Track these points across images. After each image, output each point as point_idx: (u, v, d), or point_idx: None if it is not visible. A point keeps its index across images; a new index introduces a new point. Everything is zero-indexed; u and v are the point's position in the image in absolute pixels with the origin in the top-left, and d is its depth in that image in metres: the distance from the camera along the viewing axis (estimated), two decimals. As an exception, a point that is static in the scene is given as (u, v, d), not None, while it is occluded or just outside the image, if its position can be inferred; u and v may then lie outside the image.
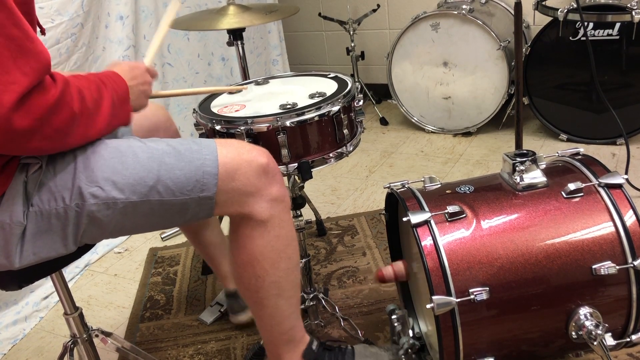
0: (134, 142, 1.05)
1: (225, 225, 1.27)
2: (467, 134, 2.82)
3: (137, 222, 1.04)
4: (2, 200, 0.93)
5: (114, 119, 0.99)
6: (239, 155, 1.07)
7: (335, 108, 1.28)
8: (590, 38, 2.27)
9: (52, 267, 1.13)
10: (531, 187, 1.16)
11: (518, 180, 1.17)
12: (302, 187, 1.41)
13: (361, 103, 1.37)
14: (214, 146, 1.07)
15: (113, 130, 1.03)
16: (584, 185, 1.13)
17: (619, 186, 1.13)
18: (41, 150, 0.88)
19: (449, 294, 1.05)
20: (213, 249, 1.60)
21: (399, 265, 1.34)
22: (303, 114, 1.25)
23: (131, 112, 1.07)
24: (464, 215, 1.12)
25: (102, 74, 1.02)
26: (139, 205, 1.00)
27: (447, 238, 1.09)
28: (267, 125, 1.24)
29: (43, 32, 1.11)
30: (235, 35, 1.83)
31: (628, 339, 1.13)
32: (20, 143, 0.82)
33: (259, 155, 1.09)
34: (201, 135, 1.34)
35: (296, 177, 1.39)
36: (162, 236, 2.25)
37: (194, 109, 1.39)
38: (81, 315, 1.31)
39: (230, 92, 1.51)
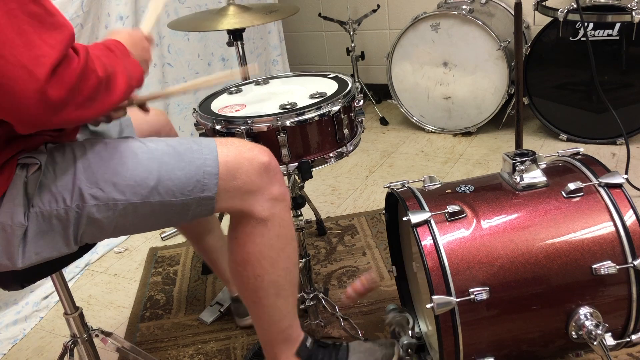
0: (133, 142, 1.05)
1: (225, 224, 1.27)
2: (467, 133, 2.82)
3: (137, 223, 1.04)
4: (3, 201, 0.93)
5: (132, 80, 0.97)
6: (240, 154, 1.07)
7: (336, 108, 1.28)
8: (590, 38, 2.27)
9: (53, 266, 1.13)
10: (531, 186, 1.16)
11: (518, 180, 1.17)
12: (302, 186, 1.41)
13: (361, 103, 1.37)
14: (214, 146, 1.07)
15: (132, 93, 1.01)
16: (584, 185, 1.13)
17: (619, 186, 1.13)
18: (75, 119, 0.86)
19: (449, 293, 1.05)
20: (216, 253, 1.59)
21: (365, 277, 1.36)
22: (303, 113, 1.25)
23: (144, 73, 1.05)
24: (464, 215, 1.12)
25: (105, 42, 1.01)
26: (140, 206, 1.00)
27: (447, 238, 1.09)
28: (267, 125, 1.24)
29: None
30: (235, 35, 1.83)
31: (628, 339, 1.13)
32: (57, 115, 0.82)
33: (260, 153, 1.09)
34: (201, 135, 1.34)
35: (296, 177, 1.39)
36: (162, 236, 2.25)
37: (194, 109, 1.39)
38: (81, 315, 1.31)
39: (230, 92, 1.51)
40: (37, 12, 0.80)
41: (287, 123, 1.23)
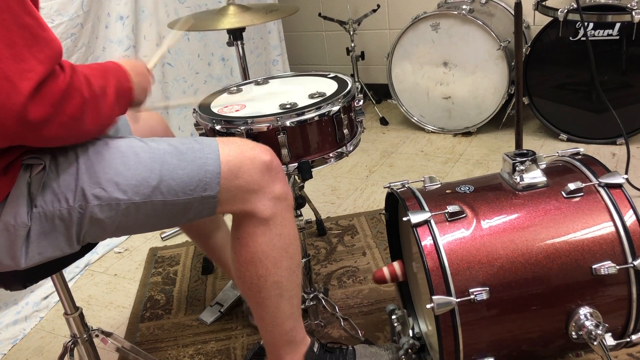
0: (135, 142, 1.05)
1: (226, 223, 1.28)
2: (467, 133, 2.82)
3: (139, 222, 1.04)
4: (7, 201, 0.93)
5: (118, 107, 0.97)
6: (242, 153, 1.07)
7: (335, 108, 1.28)
8: (590, 38, 2.27)
9: (56, 266, 1.13)
10: (531, 186, 1.16)
11: (518, 180, 1.17)
12: (302, 186, 1.42)
13: (361, 103, 1.37)
14: (216, 145, 1.07)
15: (116, 119, 1.01)
16: (584, 185, 1.13)
17: (619, 186, 1.13)
18: (59, 139, 0.86)
19: (449, 293, 1.05)
20: (225, 250, 1.58)
21: (396, 265, 1.34)
22: (303, 113, 1.25)
23: (130, 102, 1.04)
24: (464, 215, 1.12)
25: (104, 63, 1.01)
26: (142, 206, 1.00)
27: (447, 238, 1.09)
28: (267, 125, 1.24)
29: None
30: (235, 35, 1.83)
31: (628, 339, 1.13)
32: (37, 133, 0.81)
33: (262, 152, 1.09)
34: (201, 135, 1.34)
35: (296, 177, 1.39)
36: (162, 236, 2.25)
37: (194, 109, 1.39)
38: (81, 315, 1.31)
39: (230, 92, 1.51)
40: (30, 24, 0.80)
41: (287, 123, 1.23)
